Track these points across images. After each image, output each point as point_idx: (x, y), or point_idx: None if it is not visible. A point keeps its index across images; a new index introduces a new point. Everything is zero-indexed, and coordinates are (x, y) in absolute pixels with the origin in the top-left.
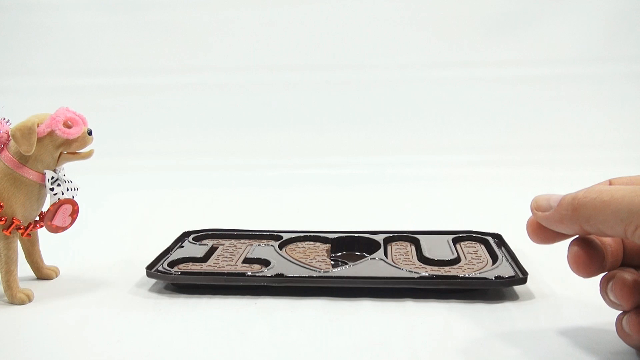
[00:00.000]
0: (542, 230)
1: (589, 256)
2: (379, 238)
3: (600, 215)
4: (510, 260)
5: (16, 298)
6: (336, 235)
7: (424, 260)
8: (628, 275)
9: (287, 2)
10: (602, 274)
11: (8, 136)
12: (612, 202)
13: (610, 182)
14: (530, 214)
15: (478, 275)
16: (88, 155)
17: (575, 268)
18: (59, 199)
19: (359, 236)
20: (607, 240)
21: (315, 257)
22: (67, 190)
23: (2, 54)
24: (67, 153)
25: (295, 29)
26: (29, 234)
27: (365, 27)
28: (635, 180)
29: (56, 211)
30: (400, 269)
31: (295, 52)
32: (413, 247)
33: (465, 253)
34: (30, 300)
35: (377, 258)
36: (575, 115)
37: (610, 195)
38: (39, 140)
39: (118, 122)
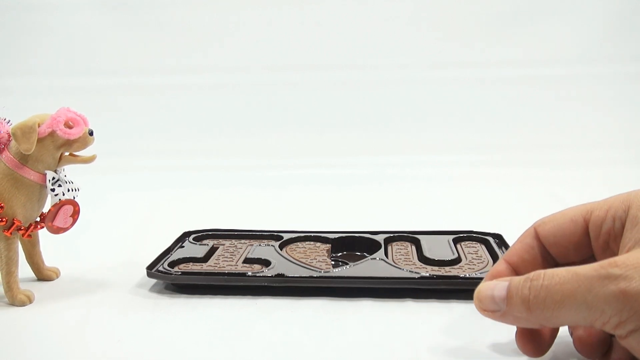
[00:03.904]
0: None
1: (539, 332)
2: (380, 238)
3: (560, 316)
4: None
5: (17, 299)
6: (336, 235)
7: (424, 260)
8: (582, 331)
9: (287, 2)
10: None
11: (9, 136)
12: (566, 301)
13: (536, 230)
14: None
15: (479, 275)
16: (90, 159)
17: (524, 349)
18: (59, 199)
19: (359, 236)
20: None
21: (316, 257)
22: (68, 190)
23: (2, 54)
24: (69, 155)
25: (295, 29)
26: (29, 235)
27: (365, 27)
28: (557, 224)
29: (57, 212)
30: (400, 269)
31: (295, 52)
32: (413, 247)
33: (466, 253)
34: (30, 302)
35: (377, 258)
36: (576, 115)
37: (560, 293)
38: (40, 140)
39: (118, 122)
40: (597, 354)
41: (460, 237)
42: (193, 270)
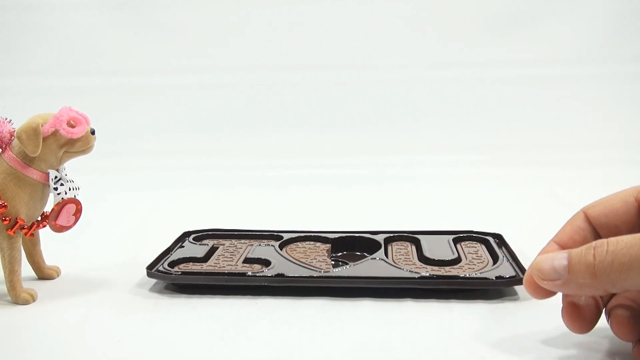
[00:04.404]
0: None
1: (584, 309)
2: (380, 238)
3: (628, 279)
4: (510, 260)
5: (20, 298)
6: (336, 235)
7: (424, 260)
8: (622, 311)
9: (287, 2)
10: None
11: (11, 136)
12: (635, 263)
13: (585, 213)
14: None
15: (479, 275)
16: (89, 149)
17: (571, 325)
18: (62, 198)
19: (359, 236)
20: None
21: (316, 257)
22: (70, 189)
23: (2, 54)
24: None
25: (295, 29)
26: (32, 234)
27: (365, 27)
28: (608, 205)
29: (60, 210)
30: (400, 269)
31: (295, 52)
32: (413, 247)
33: (466, 253)
34: (34, 300)
35: (377, 258)
36: (575, 115)
37: (628, 256)
38: (43, 140)
39: (118, 122)
40: (633, 336)
41: (460, 237)
42: (193, 270)
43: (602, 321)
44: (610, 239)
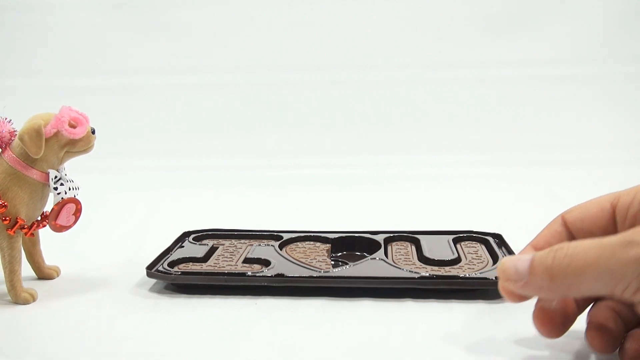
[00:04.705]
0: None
1: (553, 314)
2: (379, 238)
3: (582, 284)
4: None
5: (20, 297)
6: (336, 235)
7: (424, 260)
8: (595, 326)
9: (287, 2)
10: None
11: (11, 136)
12: (588, 268)
13: (563, 217)
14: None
15: (478, 275)
16: (89, 149)
17: (540, 328)
18: (62, 198)
19: (359, 236)
20: None
21: (316, 257)
22: (70, 189)
23: (2, 54)
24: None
25: (295, 28)
26: (32, 234)
27: (365, 27)
28: (585, 209)
29: (60, 210)
30: (400, 269)
31: (296, 52)
32: (413, 247)
33: (466, 253)
34: (34, 300)
35: (377, 258)
36: (575, 115)
37: (583, 260)
38: (45, 141)
39: (118, 122)
40: (609, 348)
41: (460, 237)
42: (193, 270)
43: None
44: (571, 242)
